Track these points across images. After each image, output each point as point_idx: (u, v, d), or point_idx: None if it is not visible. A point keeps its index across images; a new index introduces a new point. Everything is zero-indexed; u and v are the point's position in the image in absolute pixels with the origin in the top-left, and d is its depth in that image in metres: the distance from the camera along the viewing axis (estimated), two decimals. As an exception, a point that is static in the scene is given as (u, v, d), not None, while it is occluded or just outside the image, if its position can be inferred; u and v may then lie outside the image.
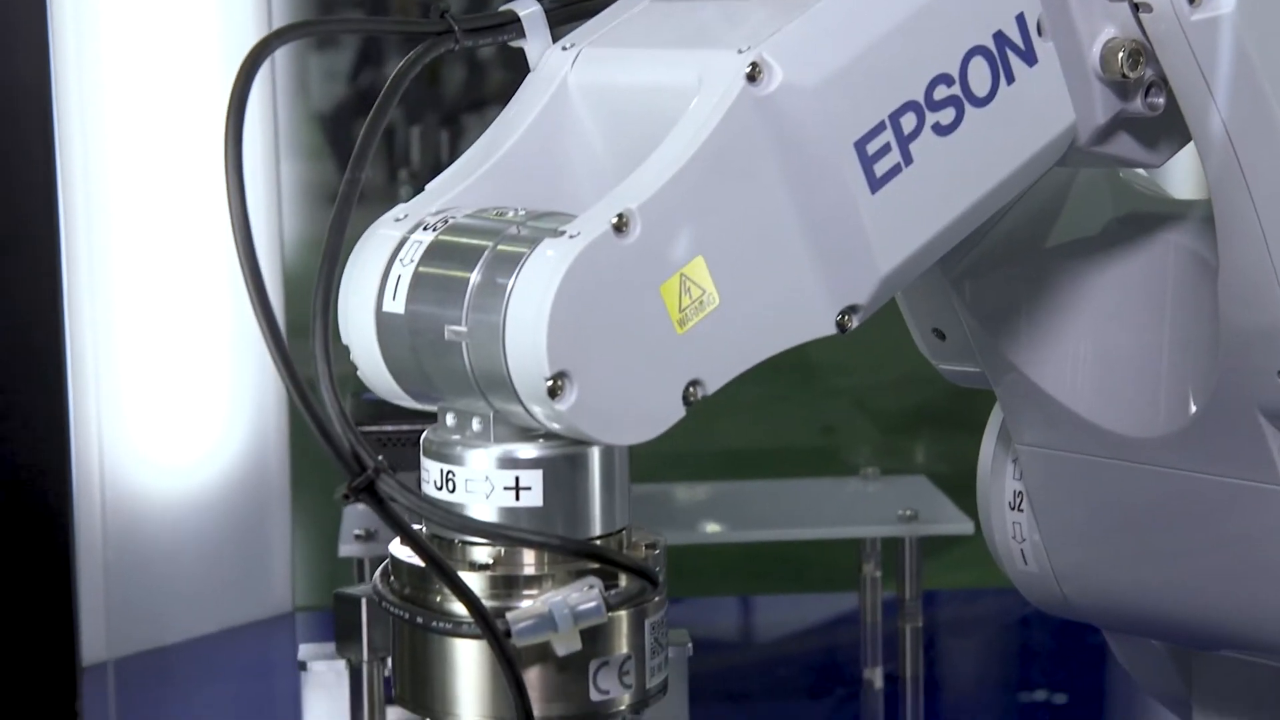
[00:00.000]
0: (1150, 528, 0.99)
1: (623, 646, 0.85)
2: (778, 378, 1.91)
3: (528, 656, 0.83)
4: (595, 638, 0.84)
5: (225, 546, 1.71)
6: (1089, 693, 1.62)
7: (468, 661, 0.85)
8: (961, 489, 1.63)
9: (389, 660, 1.27)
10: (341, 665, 1.31)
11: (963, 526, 1.60)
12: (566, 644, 0.83)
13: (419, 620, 0.85)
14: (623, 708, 0.86)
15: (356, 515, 1.58)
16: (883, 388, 1.96)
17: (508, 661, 0.82)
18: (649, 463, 0.89)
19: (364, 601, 1.26)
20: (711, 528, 1.63)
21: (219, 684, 1.64)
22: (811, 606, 1.84)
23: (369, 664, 1.27)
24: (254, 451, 1.73)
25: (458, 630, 0.84)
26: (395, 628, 0.88)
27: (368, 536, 1.53)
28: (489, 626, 0.81)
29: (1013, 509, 1.08)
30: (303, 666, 1.33)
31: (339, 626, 1.28)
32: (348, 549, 1.52)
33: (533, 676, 0.84)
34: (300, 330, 0.81)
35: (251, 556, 1.73)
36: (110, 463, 1.60)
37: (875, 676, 1.64)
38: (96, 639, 1.53)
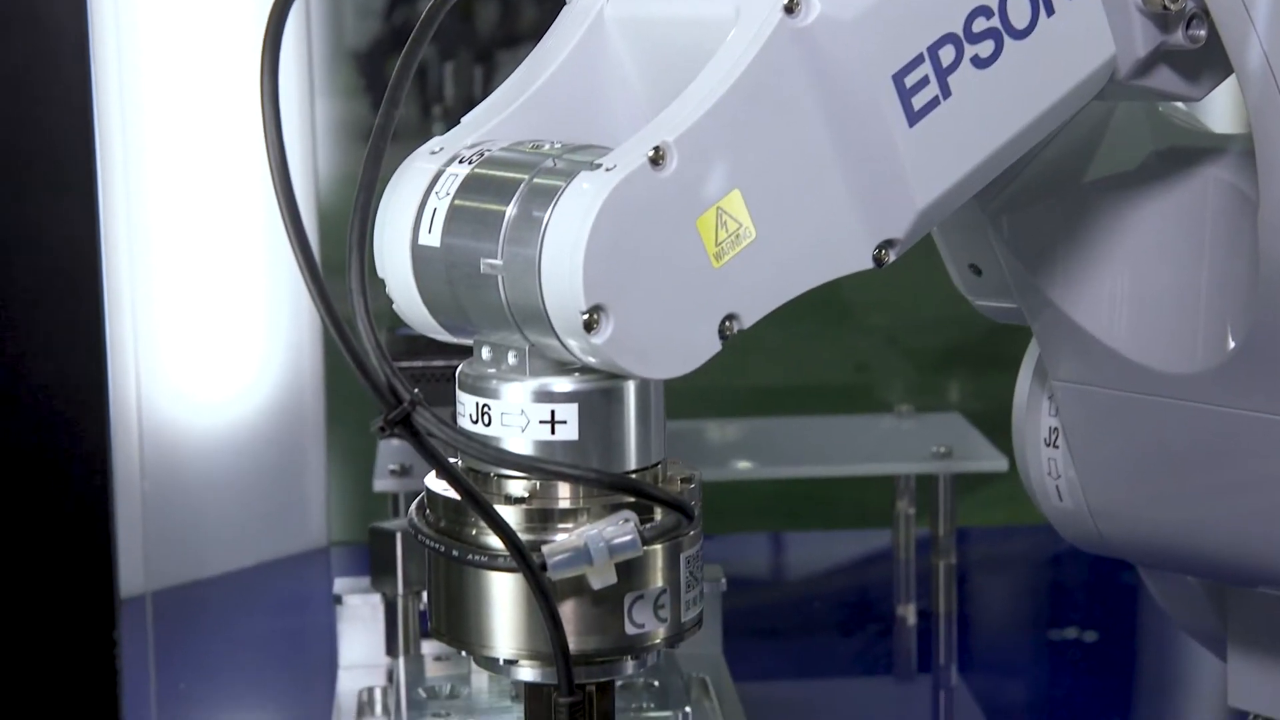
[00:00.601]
0: (1187, 464, 0.99)
1: (658, 580, 0.85)
2: (810, 316, 1.91)
3: (563, 590, 0.83)
4: (630, 571, 0.84)
5: (261, 482, 1.72)
6: (1121, 630, 1.62)
7: (503, 595, 0.85)
8: (996, 426, 1.63)
9: (424, 594, 1.28)
10: (377, 599, 1.32)
11: (997, 463, 1.60)
12: (602, 577, 0.83)
13: (454, 554, 0.85)
14: (658, 641, 0.86)
15: (391, 450, 1.59)
16: (917, 327, 1.95)
17: (543, 595, 0.82)
18: (680, 399, 0.89)
19: (399, 535, 1.26)
20: (744, 464, 1.63)
21: (255, 617, 1.65)
22: (844, 543, 1.84)
23: (404, 597, 1.27)
24: (289, 387, 1.74)
25: (493, 564, 0.84)
26: (430, 561, 0.88)
27: (403, 472, 1.53)
28: (524, 560, 0.82)
29: (1048, 445, 1.08)
30: (338, 600, 1.34)
31: (374, 560, 1.28)
32: (382, 484, 1.53)
33: (568, 610, 0.84)
34: (336, 268, 0.81)
35: (287, 492, 1.74)
36: (147, 398, 1.61)
37: (908, 613, 1.64)
38: (134, 572, 1.53)
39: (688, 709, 1.17)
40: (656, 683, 1.21)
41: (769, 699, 1.43)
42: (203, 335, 1.67)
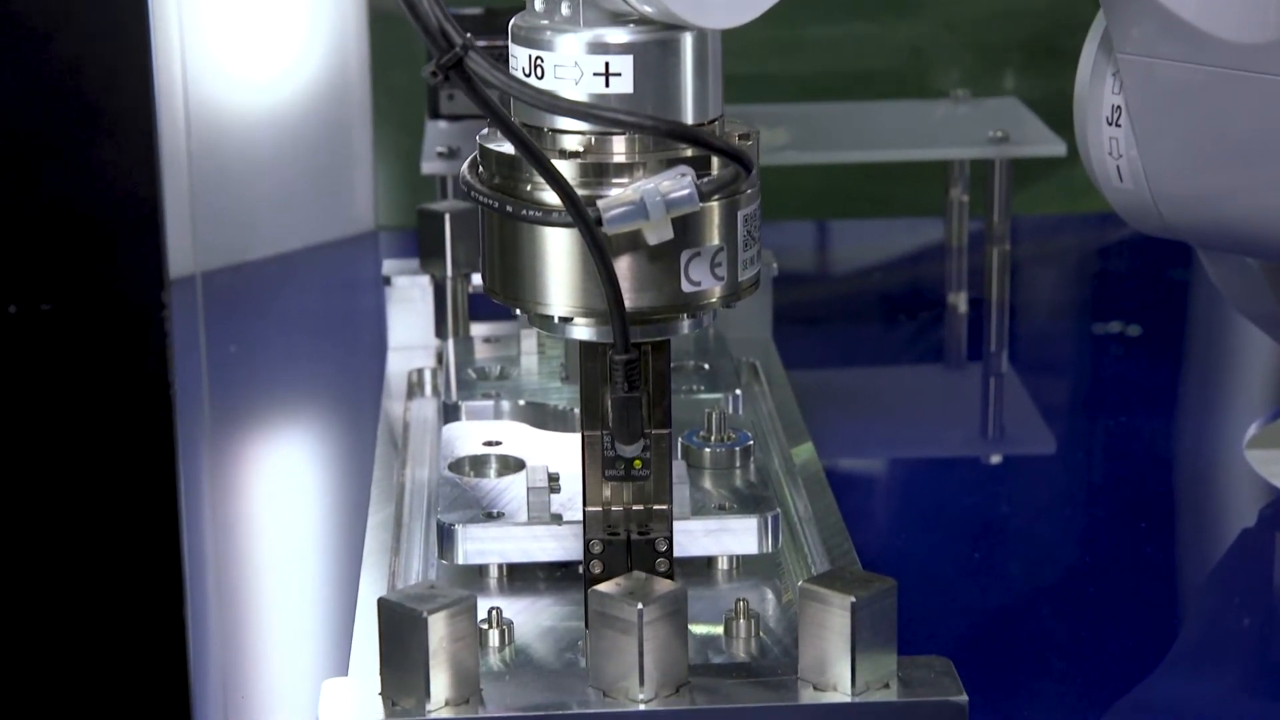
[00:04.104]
0: (1252, 140, 0.97)
1: (714, 237, 0.84)
2: (863, 5, 1.87)
3: (618, 245, 0.82)
4: (687, 228, 0.83)
5: (308, 164, 1.71)
6: (1174, 322, 1.62)
7: (558, 251, 0.84)
8: (1054, 114, 1.60)
9: (473, 276, 1.27)
10: (425, 281, 1.31)
11: (1055, 148, 1.57)
12: (658, 232, 0.81)
13: (509, 209, 0.83)
14: (714, 300, 0.85)
15: (439, 133, 1.57)
16: (973, 16, 1.91)
17: (598, 250, 0.80)
18: (731, 86, 0.87)
19: (448, 216, 1.25)
20: (794, 150, 1.61)
21: (305, 299, 1.65)
22: (896, 232, 1.82)
23: (453, 280, 1.27)
24: (335, 68, 1.71)
25: (548, 219, 0.83)
26: (484, 219, 0.86)
27: (450, 154, 1.51)
28: (580, 213, 0.80)
29: (1110, 124, 1.05)
30: (387, 282, 1.34)
31: (423, 242, 1.27)
32: (430, 166, 1.51)
33: (624, 266, 0.82)
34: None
35: (334, 174, 1.73)
36: (192, 77, 1.59)
37: (959, 301, 1.63)
38: (183, 253, 1.53)
39: (738, 392, 1.17)
40: (707, 366, 1.21)
41: (818, 385, 1.43)
42: (246, 13, 1.64)
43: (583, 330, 0.85)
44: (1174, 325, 1.61)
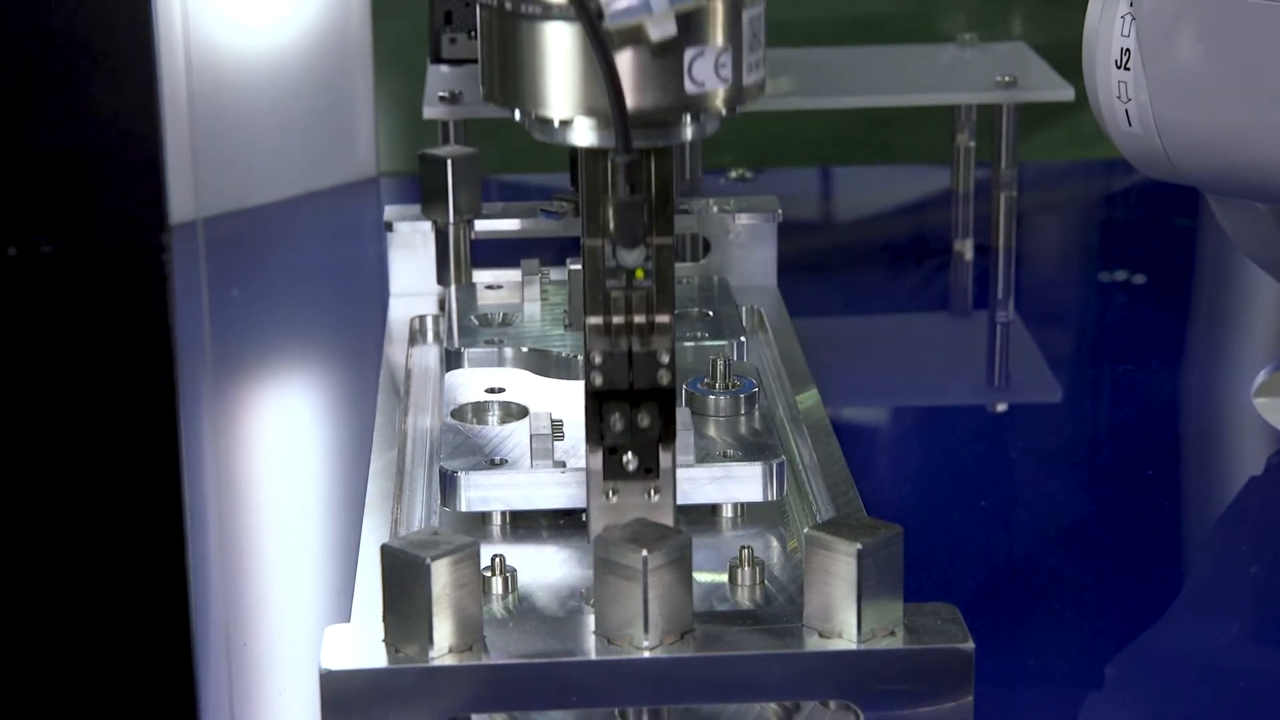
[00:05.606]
0: (1270, 81, 0.96)
1: (719, 37, 0.82)
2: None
3: (620, 42, 0.80)
4: (691, 26, 0.81)
5: (309, 109, 1.70)
6: (1181, 269, 1.61)
7: (558, 49, 0.82)
8: (1062, 59, 1.59)
9: (475, 222, 1.26)
10: (427, 226, 1.30)
11: (1062, 93, 1.56)
12: (661, 28, 0.79)
13: (508, 6, 0.82)
14: (718, 102, 0.83)
15: (440, 77, 1.56)
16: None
17: (600, 45, 0.79)
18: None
19: (450, 162, 1.24)
20: (799, 96, 1.60)
21: (306, 244, 1.65)
22: (902, 179, 1.81)
23: (455, 225, 1.26)
24: (336, 12, 1.70)
25: (548, 13, 0.81)
26: (483, 21, 0.85)
27: (452, 99, 1.50)
28: (581, 6, 0.78)
29: (1119, 67, 1.04)
30: (389, 227, 1.33)
31: (425, 188, 1.26)
32: (432, 111, 1.50)
33: (625, 64, 0.81)
34: None
35: (335, 120, 1.72)
36: (194, 20, 1.58)
37: (965, 248, 1.63)
38: (185, 198, 1.52)
39: (742, 339, 1.17)
40: (711, 313, 1.20)
41: (823, 332, 1.43)
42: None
43: (584, 133, 0.83)
44: (1181, 273, 1.60)
